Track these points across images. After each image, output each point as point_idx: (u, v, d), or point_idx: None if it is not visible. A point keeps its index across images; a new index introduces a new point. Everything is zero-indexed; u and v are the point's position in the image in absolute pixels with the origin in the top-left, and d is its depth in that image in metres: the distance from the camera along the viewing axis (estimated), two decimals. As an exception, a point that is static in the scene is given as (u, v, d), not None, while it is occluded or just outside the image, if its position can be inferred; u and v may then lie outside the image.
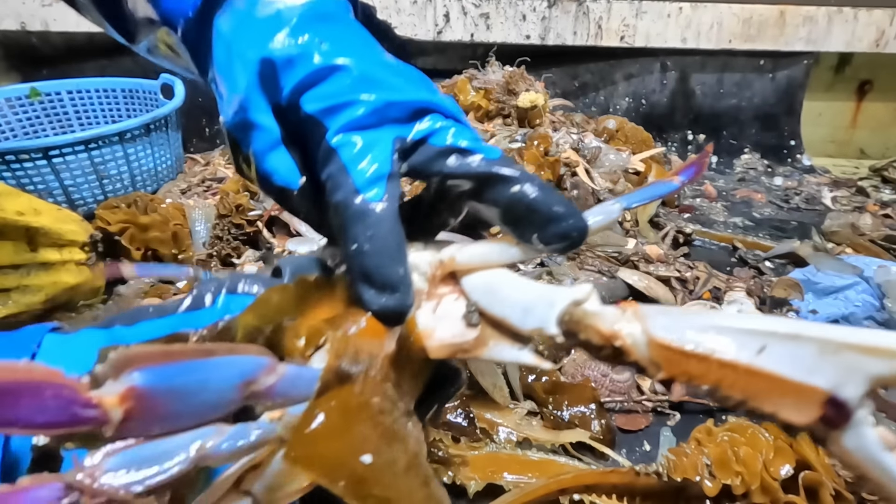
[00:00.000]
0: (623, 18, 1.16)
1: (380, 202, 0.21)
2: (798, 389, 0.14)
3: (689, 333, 0.15)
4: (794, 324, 0.14)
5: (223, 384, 0.15)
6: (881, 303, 0.63)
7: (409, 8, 1.12)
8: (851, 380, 0.14)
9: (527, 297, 0.20)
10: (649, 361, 0.16)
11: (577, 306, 0.18)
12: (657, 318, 0.16)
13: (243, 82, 0.23)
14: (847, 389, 0.14)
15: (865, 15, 1.15)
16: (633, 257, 0.69)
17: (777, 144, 1.26)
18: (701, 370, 0.15)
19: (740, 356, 0.14)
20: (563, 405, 0.48)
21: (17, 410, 0.11)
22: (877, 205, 0.97)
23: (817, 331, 0.14)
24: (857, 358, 0.14)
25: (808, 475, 0.36)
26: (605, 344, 0.17)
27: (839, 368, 0.14)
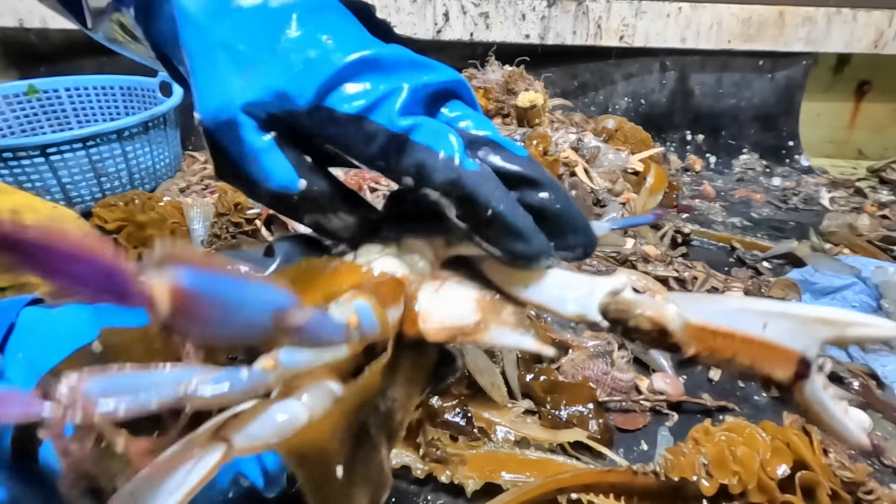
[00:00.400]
0: (622, 18, 1.16)
1: (479, 168, 0.21)
2: (786, 354, 0.19)
3: (717, 316, 0.19)
4: (781, 304, 0.20)
5: (259, 308, 0.15)
6: (878, 303, 0.63)
7: (409, 7, 1.12)
8: (813, 344, 0.20)
9: (562, 287, 0.21)
10: (684, 340, 0.20)
11: (616, 295, 0.20)
12: (686, 303, 0.20)
13: (237, 84, 0.21)
14: (811, 350, 0.19)
15: (864, 16, 1.16)
16: (631, 257, 0.69)
17: (776, 145, 1.26)
18: (725, 344, 0.19)
19: (752, 331, 0.19)
20: (561, 404, 0.49)
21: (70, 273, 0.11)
22: (874, 205, 0.97)
23: (796, 309, 0.20)
24: (817, 327, 0.19)
25: (804, 475, 0.36)
26: (653, 328, 0.20)
27: (807, 336, 0.19)
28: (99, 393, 0.14)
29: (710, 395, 0.53)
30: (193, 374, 0.16)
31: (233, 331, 0.15)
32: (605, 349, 0.56)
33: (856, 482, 0.38)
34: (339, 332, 0.18)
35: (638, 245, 0.72)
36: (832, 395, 0.20)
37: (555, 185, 0.22)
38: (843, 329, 0.20)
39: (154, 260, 0.12)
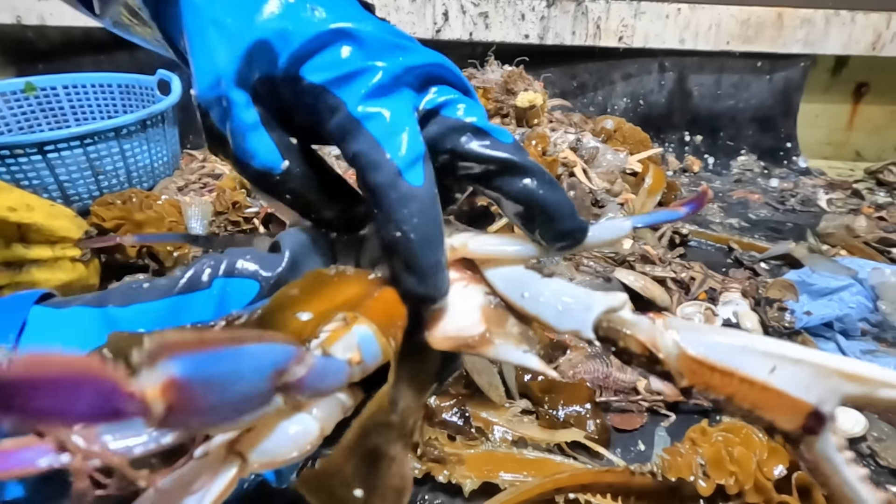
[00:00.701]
0: (622, 19, 1.16)
1: (422, 186, 0.20)
2: (794, 404, 0.17)
3: (717, 351, 0.18)
4: (798, 349, 0.18)
5: (256, 375, 0.14)
6: (875, 304, 0.63)
7: (408, 6, 1.12)
8: (830, 398, 0.17)
9: (561, 298, 0.20)
10: (677, 371, 0.18)
11: (612, 313, 0.19)
12: (687, 333, 0.18)
13: (223, 56, 0.21)
14: (827, 405, 0.17)
15: (863, 18, 1.16)
16: (629, 258, 0.69)
17: (774, 146, 1.26)
18: (722, 383, 0.18)
19: (755, 373, 0.17)
20: (558, 404, 0.49)
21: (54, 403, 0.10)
22: (871, 207, 0.98)
23: (814, 356, 0.17)
24: (839, 382, 0.17)
25: (801, 475, 0.36)
26: (642, 353, 0.19)
27: (825, 389, 0.17)
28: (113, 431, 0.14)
29: (707, 396, 0.53)
30: None
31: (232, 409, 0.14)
32: (603, 349, 0.56)
33: (852, 483, 0.38)
34: (341, 375, 0.17)
35: (637, 246, 0.72)
36: (848, 459, 0.17)
37: (539, 172, 0.21)
38: (874, 389, 0.17)
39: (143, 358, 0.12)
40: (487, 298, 0.21)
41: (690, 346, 0.18)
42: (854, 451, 0.49)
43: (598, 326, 0.19)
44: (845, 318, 0.62)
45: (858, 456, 0.48)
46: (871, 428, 0.50)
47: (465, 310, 0.21)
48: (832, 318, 0.62)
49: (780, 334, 0.61)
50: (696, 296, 0.67)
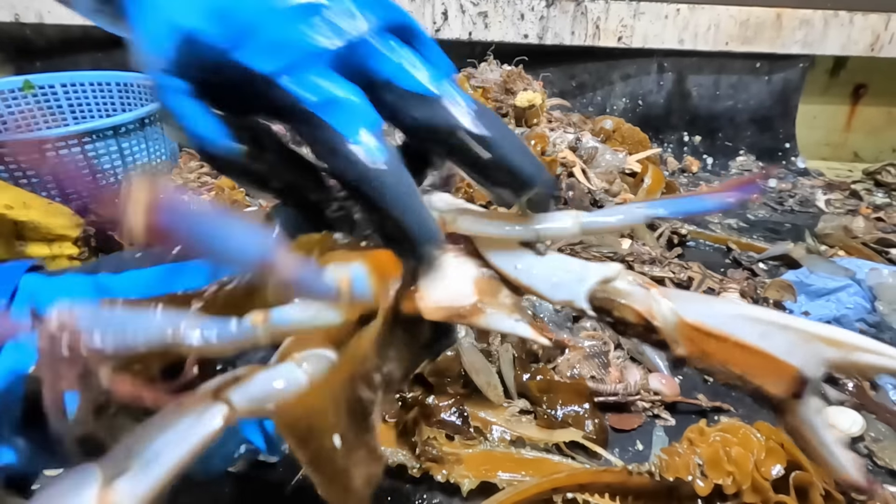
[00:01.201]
0: (621, 19, 1.16)
1: (389, 165, 0.19)
2: (781, 367, 0.18)
3: (714, 317, 0.18)
4: (784, 316, 0.19)
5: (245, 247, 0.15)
6: (872, 305, 0.64)
7: (408, 5, 1.12)
8: (814, 362, 0.18)
9: (555, 270, 0.20)
10: (674, 339, 0.19)
11: (607, 283, 0.19)
12: (683, 301, 0.19)
13: (162, 36, 0.20)
14: (809, 369, 0.18)
15: (861, 19, 1.16)
16: (627, 258, 0.69)
17: (772, 147, 1.26)
18: (718, 348, 0.18)
19: (749, 338, 0.18)
20: (556, 404, 0.49)
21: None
22: (869, 208, 0.98)
23: (799, 323, 0.18)
24: (820, 346, 0.18)
25: (798, 475, 0.36)
26: (639, 322, 0.19)
27: (808, 353, 0.18)
28: (89, 327, 0.14)
29: (705, 396, 0.53)
30: (182, 320, 0.16)
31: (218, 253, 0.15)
32: (601, 349, 0.56)
33: (849, 483, 0.38)
34: (328, 290, 0.18)
35: (635, 246, 0.72)
36: (825, 423, 0.19)
37: (501, 138, 0.21)
38: (850, 353, 0.18)
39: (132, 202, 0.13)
40: (480, 270, 0.21)
41: (688, 314, 0.18)
42: (852, 451, 0.49)
43: (592, 297, 0.19)
44: (843, 319, 0.62)
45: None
46: (868, 428, 0.50)
47: (458, 280, 0.21)
48: (830, 319, 0.62)
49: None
50: (695, 296, 0.67)
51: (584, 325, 0.60)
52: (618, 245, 0.71)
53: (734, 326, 0.18)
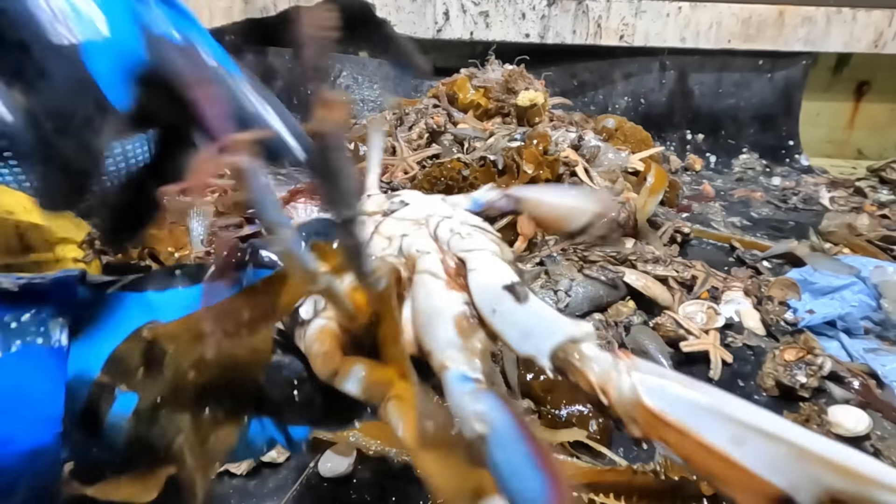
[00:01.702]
0: (622, 17, 1.16)
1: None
2: (759, 484, 0.15)
3: (677, 407, 0.16)
4: (779, 423, 0.15)
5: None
6: (877, 302, 0.63)
7: (409, 6, 1.12)
8: (809, 487, 0.15)
9: (528, 320, 0.20)
10: (630, 418, 0.16)
11: (573, 343, 0.18)
12: (648, 378, 0.16)
13: None
14: (802, 495, 0.15)
15: (864, 16, 1.16)
16: (630, 257, 0.69)
17: (775, 144, 1.26)
18: (677, 441, 0.16)
19: (717, 441, 0.15)
20: (560, 404, 0.49)
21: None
22: (874, 205, 0.97)
23: (796, 436, 0.15)
24: (821, 471, 0.15)
25: (804, 474, 0.36)
26: (590, 392, 0.17)
27: (802, 475, 0.15)
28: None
29: (709, 395, 0.53)
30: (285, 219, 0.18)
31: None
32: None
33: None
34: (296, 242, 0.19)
35: (638, 245, 0.72)
36: None
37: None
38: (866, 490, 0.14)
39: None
40: (465, 308, 0.21)
41: (648, 396, 0.16)
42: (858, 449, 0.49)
43: (554, 356, 0.18)
44: (848, 317, 0.62)
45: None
46: (874, 427, 0.50)
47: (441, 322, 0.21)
48: (835, 317, 0.62)
49: (783, 333, 0.61)
50: (699, 295, 0.67)
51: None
52: (621, 244, 0.70)
53: (701, 422, 0.15)
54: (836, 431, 0.49)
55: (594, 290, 0.63)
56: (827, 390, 0.54)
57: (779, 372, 0.54)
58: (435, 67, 1.22)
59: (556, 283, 0.64)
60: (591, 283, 0.64)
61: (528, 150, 0.75)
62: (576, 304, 0.62)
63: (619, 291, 0.65)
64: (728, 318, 0.63)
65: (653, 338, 0.59)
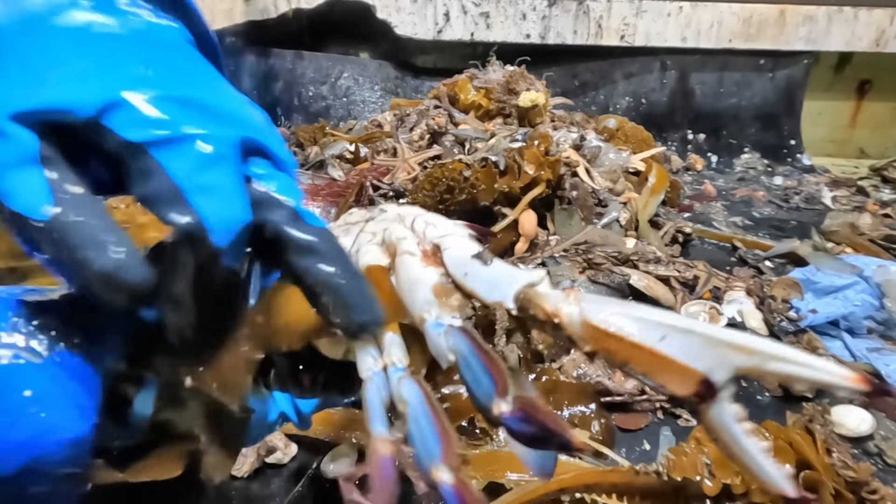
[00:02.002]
0: (623, 17, 1.16)
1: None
2: (683, 370, 0.19)
3: (612, 318, 0.20)
4: (690, 321, 0.19)
5: None
6: (880, 302, 0.63)
7: (410, 7, 1.12)
8: (721, 367, 0.19)
9: (493, 276, 0.24)
10: (579, 337, 0.20)
11: (531, 287, 0.22)
12: (591, 304, 0.20)
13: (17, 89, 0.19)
14: (717, 374, 0.18)
15: (866, 14, 1.15)
16: (632, 257, 0.69)
17: (777, 144, 1.26)
18: (616, 347, 0.20)
19: (646, 340, 0.19)
20: (562, 405, 0.48)
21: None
22: (876, 204, 0.97)
23: (704, 328, 0.19)
24: (728, 352, 0.19)
25: (808, 475, 0.36)
26: (547, 320, 0.21)
27: (714, 358, 0.19)
28: None
29: (712, 395, 0.53)
30: None
31: None
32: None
33: (859, 482, 0.38)
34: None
35: (640, 245, 0.72)
36: (745, 430, 0.19)
37: (341, 261, 0.22)
38: (763, 362, 0.19)
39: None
40: (442, 278, 0.25)
41: (591, 314, 0.20)
42: (861, 449, 0.49)
43: (516, 298, 0.22)
44: (850, 317, 0.62)
45: (866, 455, 0.48)
46: (878, 427, 0.49)
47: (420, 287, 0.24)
48: (837, 317, 0.62)
49: (786, 333, 0.61)
50: (701, 295, 0.67)
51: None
52: (622, 245, 0.70)
53: (632, 328, 0.19)
54: (840, 431, 0.48)
55: (596, 291, 0.63)
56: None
57: (781, 372, 0.54)
58: (435, 68, 1.22)
59: (557, 283, 0.63)
60: (594, 284, 0.64)
61: (529, 150, 0.75)
62: (577, 305, 0.62)
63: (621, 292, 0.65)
64: (730, 319, 0.63)
65: (655, 338, 0.59)
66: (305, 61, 1.22)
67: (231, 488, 0.43)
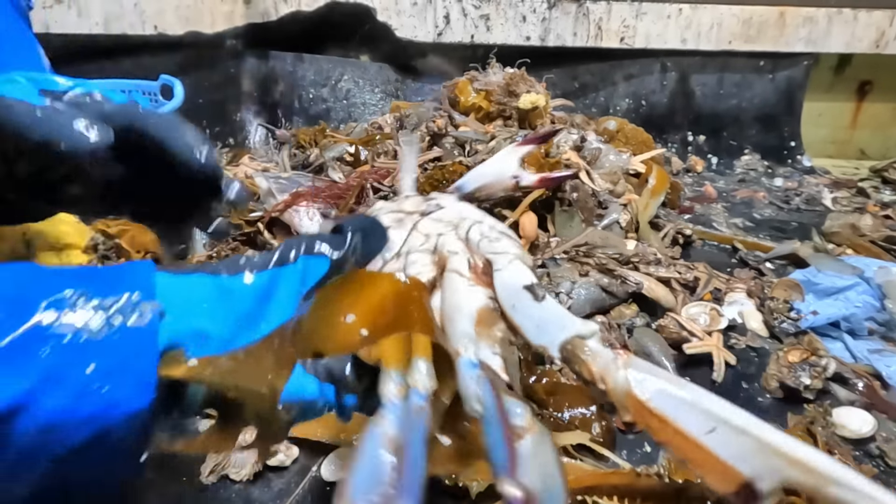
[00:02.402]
0: (623, 19, 1.16)
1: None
2: (726, 469, 0.17)
3: (662, 398, 0.19)
4: (746, 418, 0.18)
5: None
6: (882, 303, 0.63)
7: (410, 9, 1.12)
8: (770, 477, 0.17)
9: (543, 316, 0.23)
10: (622, 405, 0.19)
11: (581, 339, 0.21)
12: (640, 375, 0.19)
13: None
14: (763, 482, 0.17)
15: (865, 16, 1.15)
16: (633, 258, 0.69)
17: (777, 145, 1.26)
18: (659, 428, 0.18)
19: (692, 430, 0.18)
20: (563, 406, 0.48)
21: None
22: (877, 205, 0.97)
23: (761, 431, 0.17)
24: (781, 464, 0.17)
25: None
26: (591, 380, 0.20)
27: (764, 466, 0.17)
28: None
29: (713, 397, 0.53)
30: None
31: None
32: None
33: (861, 484, 0.38)
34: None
35: (640, 246, 0.72)
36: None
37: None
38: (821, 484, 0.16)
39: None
40: (487, 301, 0.24)
41: (638, 388, 0.19)
42: (863, 451, 0.48)
43: (563, 348, 0.21)
44: (852, 318, 0.61)
45: (867, 457, 0.48)
46: (879, 428, 0.49)
47: (464, 314, 0.23)
48: (838, 318, 0.62)
49: (786, 334, 0.61)
50: (701, 296, 0.66)
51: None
52: (623, 246, 0.70)
53: (679, 413, 0.18)
54: (841, 433, 0.48)
55: (596, 292, 0.63)
56: (831, 392, 0.54)
57: (783, 373, 0.54)
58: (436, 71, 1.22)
59: (557, 285, 0.63)
60: (594, 285, 0.64)
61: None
62: (578, 307, 0.62)
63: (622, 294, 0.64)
64: (731, 320, 0.63)
65: (656, 340, 0.59)
66: (306, 64, 1.23)
67: (231, 491, 0.43)
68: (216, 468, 0.44)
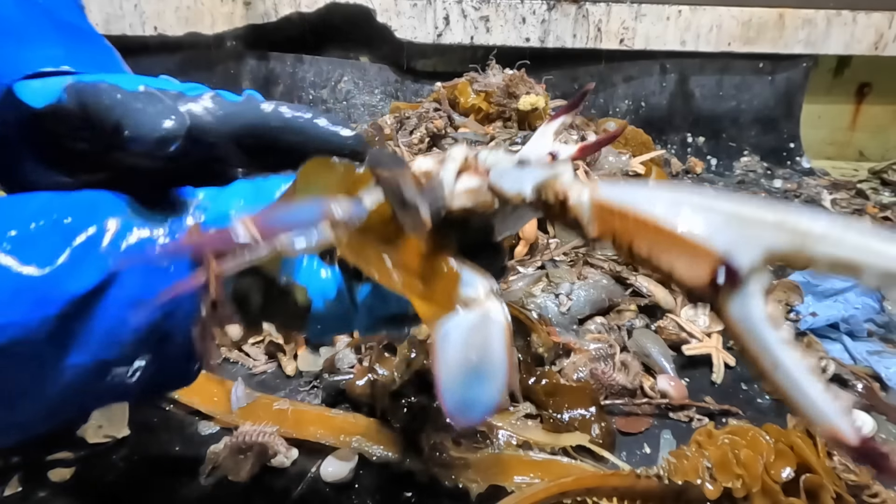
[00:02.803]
0: (622, 21, 1.16)
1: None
2: (696, 249, 0.14)
3: (624, 196, 0.17)
4: (714, 195, 0.15)
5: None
6: (881, 305, 0.63)
7: (409, 10, 1.12)
8: (747, 248, 0.14)
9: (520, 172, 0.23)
10: (587, 219, 0.18)
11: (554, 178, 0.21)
12: (605, 186, 0.18)
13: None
14: (741, 255, 0.14)
15: (864, 18, 1.16)
16: (633, 259, 0.69)
17: (776, 147, 1.26)
18: (623, 226, 0.17)
19: (656, 216, 0.16)
20: (563, 408, 0.48)
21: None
22: (876, 207, 0.97)
23: (732, 203, 0.15)
24: (756, 231, 0.14)
25: (809, 478, 0.36)
26: (556, 202, 0.19)
27: (738, 236, 0.14)
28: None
29: (713, 399, 0.53)
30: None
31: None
32: (607, 352, 0.56)
33: (860, 485, 0.38)
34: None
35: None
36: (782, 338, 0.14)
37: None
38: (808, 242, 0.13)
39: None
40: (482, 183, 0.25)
41: (601, 192, 0.18)
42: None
43: (535, 188, 0.21)
44: (851, 319, 0.62)
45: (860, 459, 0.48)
46: (878, 429, 0.49)
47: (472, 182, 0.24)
48: (838, 320, 0.62)
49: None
50: (701, 297, 0.66)
51: (590, 328, 0.60)
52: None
53: (642, 203, 0.16)
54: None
55: (596, 293, 0.63)
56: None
57: (782, 375, 0.54)
58: (435, 72, 1.22)
59: (556, 286, 0.63)
60: (593, 286, 0.64)
61: (529, 153, 0.75)
62: (577, 308, 0.62)
63: (621, 294, 0.64)
64: (731, 321, 0.63)
65: (655, 341, 0.59)
66: (306, 65, 1.23)
67: (230, 492, 0.43)
68: (214, 470, 0.44)
